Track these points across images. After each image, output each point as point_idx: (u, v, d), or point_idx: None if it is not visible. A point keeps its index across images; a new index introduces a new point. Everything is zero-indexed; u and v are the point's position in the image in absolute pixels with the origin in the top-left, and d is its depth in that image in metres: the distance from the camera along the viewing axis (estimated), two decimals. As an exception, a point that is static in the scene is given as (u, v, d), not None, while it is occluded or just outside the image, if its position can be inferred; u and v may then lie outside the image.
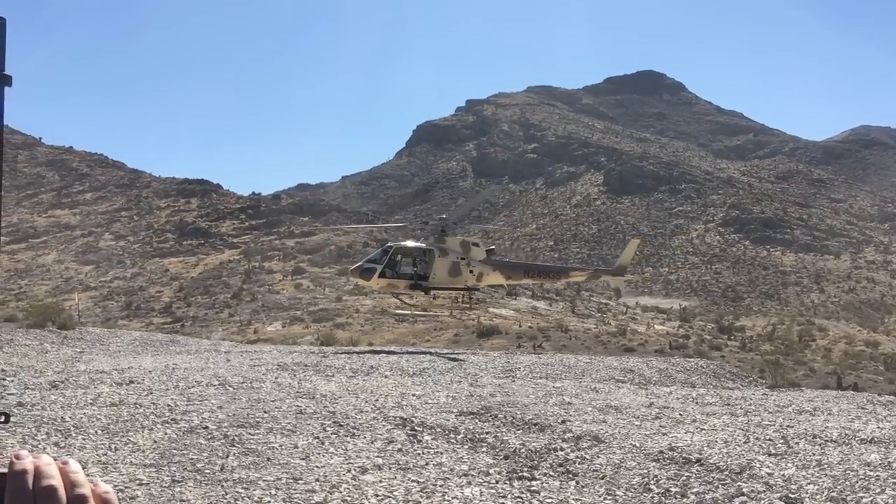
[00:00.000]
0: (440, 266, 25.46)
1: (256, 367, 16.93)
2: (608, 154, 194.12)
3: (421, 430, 9.98)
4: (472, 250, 26.13)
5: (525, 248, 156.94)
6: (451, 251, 25.78)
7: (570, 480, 8.00)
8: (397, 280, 25.48)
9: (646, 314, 76.81)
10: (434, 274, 25.41)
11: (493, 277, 26.83)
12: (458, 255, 25.78)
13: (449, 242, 25.97)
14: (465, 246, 26.15)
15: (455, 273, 25.64)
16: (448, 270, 25.58)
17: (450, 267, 25.59)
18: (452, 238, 26.22)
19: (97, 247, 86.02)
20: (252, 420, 10.11)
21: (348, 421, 10.30)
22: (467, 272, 25.79)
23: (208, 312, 58.07)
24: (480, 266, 26.02)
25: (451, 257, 25.67)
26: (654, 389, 15.95)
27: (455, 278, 25.71)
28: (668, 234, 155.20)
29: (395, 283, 25.66)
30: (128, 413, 10.24)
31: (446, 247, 25.83)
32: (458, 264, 25.66)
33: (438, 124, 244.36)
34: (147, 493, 7.01)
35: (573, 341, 46.27)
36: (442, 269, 25.48)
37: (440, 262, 25.47)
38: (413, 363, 18.98)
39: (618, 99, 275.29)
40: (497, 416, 11.04)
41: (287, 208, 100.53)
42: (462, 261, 25.74)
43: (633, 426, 10.70)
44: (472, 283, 26.20)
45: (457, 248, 25.91)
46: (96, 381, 13.44)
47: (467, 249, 26.07)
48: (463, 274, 25.74)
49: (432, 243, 25.99)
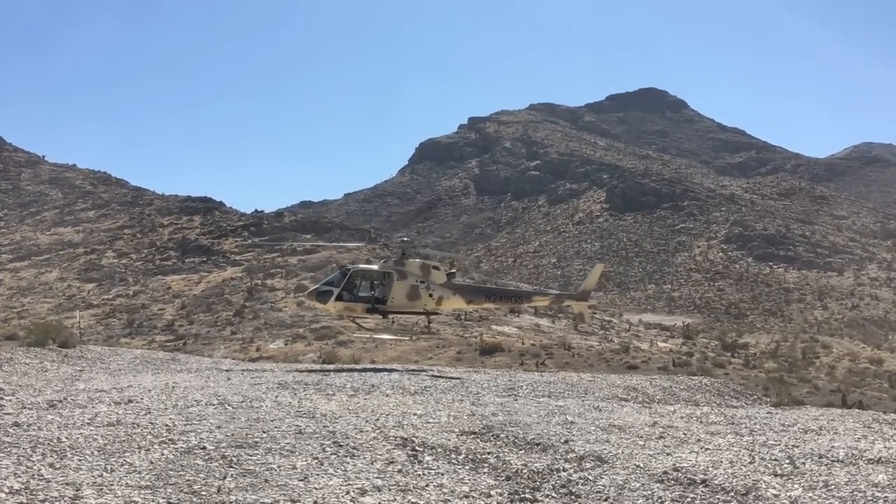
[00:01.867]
0: (399, 289, 24.88)
1: (257, 385, 16.80)
2: (611, 171, 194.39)
3: (422, 450, 9.85)
4: (432, 273, 25.50)
5: (528, 265, 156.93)
6: (411, 274, 25.20)
7: (574, 502, 7.88)
8: (354, 303, 24.97)
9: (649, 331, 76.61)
10: (392, 297, 24.84)
11: (454, 301, 26.06)
12: (417, 278, 25.17)
13: (408, 266, 25.43)
14: (425, 269, 25.56)
15: (414, 297, 25.03)
16: (407, 294, 24.97)
17: (408, 290, 24.98)
18: (412, 261, 25.75)
19: (100, 264, 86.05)
20: (250, 440, 9.99)
21: (348, 441, 10.17)
22: (426, 296, 25.12)
23: (210, 330, 57.96)
24: (440, 290, 25.35)
25: (410, 280, 25.06)
26: (658, 408, 15.81)
27: (414, 302, 25.10)
28: (671, 251, 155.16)
29: (351, 307, 25.13)
30: (125, 433, 10.11)
31: (406, 270, 25.26)
32: (418, 288, 25.04)
33: (441, 142, 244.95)
34: (142, 516, 6.88)
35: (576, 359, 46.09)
36: (400, 292, 24.90)
37: (399, 285, 24.90)
38: (415, 381, 18.86)
39: (620, 116, 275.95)
40: (499, 436, 10.92)
41: (290, 225, 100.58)
42: (421, 284, 25.10)
43: (636, 446, 10.57)
44: (432, 307, 25.49)
45: (416, 272, 25.31)
46: (95, 400, 13.32)
47: (427, 273, 25.44)
48: (422, 297, 25.10)
49: (391, 266, 25.46)
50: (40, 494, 7.29)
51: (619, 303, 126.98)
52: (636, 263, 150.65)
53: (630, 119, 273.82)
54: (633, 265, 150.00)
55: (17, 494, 7.25)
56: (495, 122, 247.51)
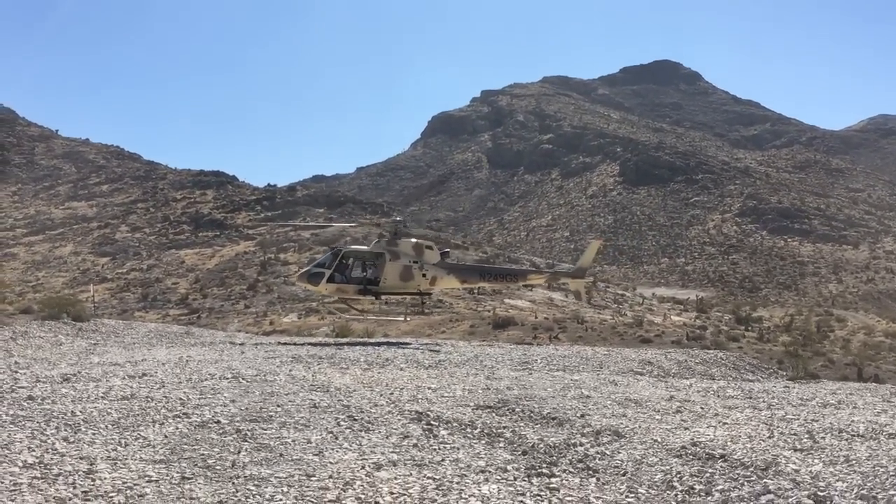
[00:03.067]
0: (391, 270, 24.75)
1: (271, 359, 16.81)
2: (624, 144, 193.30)
3: (437, 424, 9.80)
4: (425, 253, 25.34)
5: (540, 238, 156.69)
6: (403, 254, 25.06)
7: (591, 477, 7.80)
8: (346, 285, 24.83)
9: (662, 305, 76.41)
10: (385, 278, 24.70)
11: (448, 281, 25.95)
12: (410, 258, 25.04)
13: (401, 245, 25.29)
14: (418, 249, 25.39)
15: (407, 277, 24.92)
16: (399, 274, 24.85)
17: (401, 271, 24.86)
18: (405, 241, 25.58)
19: (113, 238, 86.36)
20: (265, 414, 9.96)
21: (363, 415, 10.13)
22: (420, 276, 25.00)
23: (224, 304, 58.11)
24: (434, 270, 25.20)
25: (403, 261, 24.94)
26: (674, 382, 15.72)
27: (407, 283, 25.00)
28: (685, 224, 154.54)
29: (343, 288, 25.00)
30: (139, 407, 10.10)
31: (398, 250, 25.12)
32: (411, 268, 24.93)
33: (453, 115, 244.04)
34: (156, 491, 6.84)
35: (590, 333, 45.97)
36: (393, 273, 24.77)
37: (391, 265, 24.76)
38: (429, 355, 18.82)
39: (634, 89, 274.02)
40: (514, 410, 10.86)
41: (302, 199, 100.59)
42: (414, 264, 24.98)
43: (653, 420, 10.49)
44: (425, 287, 25.37)
45: (409, 252, 25.16)
46: (109, 373, 13.33)
47: (420, 252, 25.29)
48: (415, 278, 24.98)
49: (383, 246, 25.31)
50: (54, 468, 7.26)
51: (633, 276, 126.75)
52: (649, 237, 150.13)
53: (644, 92, 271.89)
54: (646, 239, 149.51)
55: (31, 468, 7.22)
56: (508, 95, 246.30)
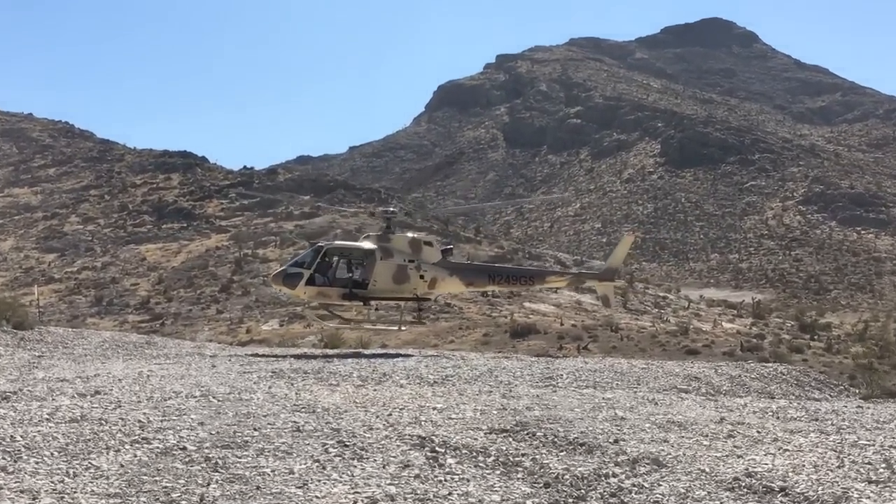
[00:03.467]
0: (382, 270, 24.53)
1: (247, 374, 16.85)
2: (666, 119, 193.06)
3: (443, 451, 9.81)
4: (423, 251, 25.23)
5: (567, 231, 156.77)
6: (397, 252, 24.89)
7: (626, 514, 7.80)
8: (329, 288, 24.61)
9: (712, 309, 76.39)
10: (375, 280, 24.51)
11: (450, 284, 25.83)
12: (405, 256, 24.88)
13: (395, 241, 25.13)
14: (415, 245, 25.28)
15: (401, 279, 24.71)
16: (392, 276, 24.64)
17: (394, 271, 24.65)
18: (399, 236, 25.49)
19: (62, 231, 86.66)
20: (239, 439, 9.98)
21: (355, 440, 10.14)
22: (416, 278, 24.81)
23: (192, 308, 58.35)
24: (433, 270, 25.05)
25: (397, 259, 24.76)
26: (725, 401, 15.70)
27: (401, 285, 24.78)
28: (739, 213, 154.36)
29: (325, 292, 24.77)
30: (91, 431, 10.12)
31: (391, 246, 24.95)
32: (406, 268, 24.73)
33: (464, 84, 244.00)
34: (110, 530, 6.86)
35: (625, 342, 46.07)
36: (384, 273, 24.55)
37: (383, 265, 24.55)
38: (434, 369, 18.85)
39: (678, 53, 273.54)
40: (535, 434, 10.86)
41: (285, 184, 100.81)
42: (410, 264, 24.80)
43: (700, 446, 10.49)
44: (423, 290, 25.15)
45: (404, 249, 25.01)
46: (55, 391, 13.38)
47: (417, 250, 25.16)
48: (411, 280, 24.77)
49: (373, 242, 25.16)
50: (-10, 504, 7.28)
51: (677, 276, 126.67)
52: (696, 229, 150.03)
53: (690, 56, 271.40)
54: (692, 231, 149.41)
55: (-37, 504, 7.24)
56: (528, 61, 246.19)
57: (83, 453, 9.09)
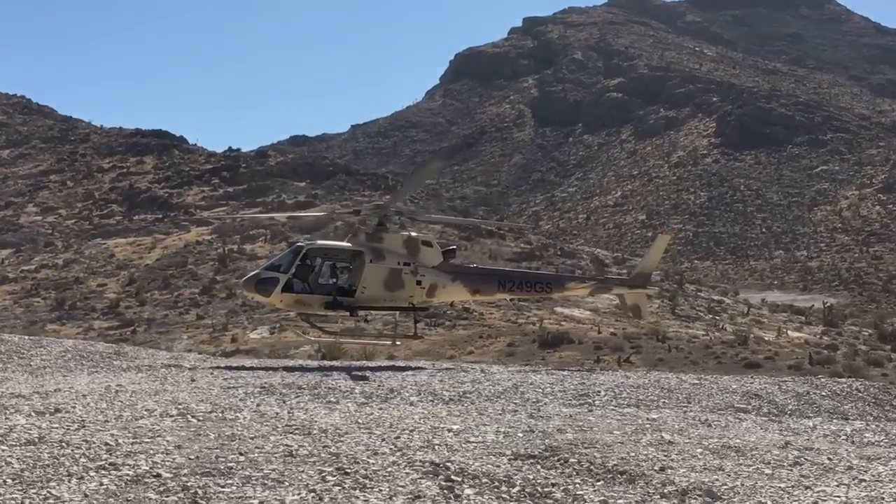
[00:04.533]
0: (372, 275, 24.36)
1: (231, 389, 16.91)
2: (722, 92, 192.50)
3: (459, 479, 9.83)
4: (421, 252, 25.08)
5: (606, 223, 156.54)
6: (390, 253, 24.73)
7: (673, 555, 7.80)
8: (309, 295, 24.44)
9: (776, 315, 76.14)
10: (363, 286, 24.35)
11: (452, 291, 25.95)
12: (399, 258, 24.73)
13: (387, 241, 24.91)
14: (412, 246, 25.12)
15: (394, 285, 24.56)
16: (384, 281, 24.47)
17: (386, 276, 24.48)
18: (393, 235, 25.20)
19: (17, 223, 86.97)
20: (222, 465, 10.01)
21: (357, 467, 10.16)
22: (412, 284, 24.71)
23: (169, 313, 58.52)
24: (433, 275, 24.95)
25: (390, 262, 24.59)
26: (791, 422, 15.69)
27: (394, 292, 24.67)
28: (807, 203, 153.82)
29: (305, 300, 24.59)
30: (49, 455, 10.16)
31: (383, 247, 24.76)
32: (400, 272, 24.57)
33: (485, 52, 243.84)
34: (72, 571, 6.89)
35: (674, 354, 45.98)
36: (375, 279, 24.39)
37: (372, 269, 24.37)
38: (450, 385, 18.85)
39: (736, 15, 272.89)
40: (567, 461, 10.87)
41: (276, 169, 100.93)
42: (405, 267, 24.65)
43: (761, 476, 10.49)
44: (420, 299, 25.10)
45: (398, 250, 24.87)
46: (9, 408, 13.45)
47: (414, 251, 25.01)
48: (406, 286, 24.67)
49: (363, 242, 24.96)
50: (-67, 539, 7.32)
51: (735, 276, 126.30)
52: (758, 221, 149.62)
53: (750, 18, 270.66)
54: (753, 224, 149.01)
55: None
56: (561, 25, 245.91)
57: (41, 481, 9.12)
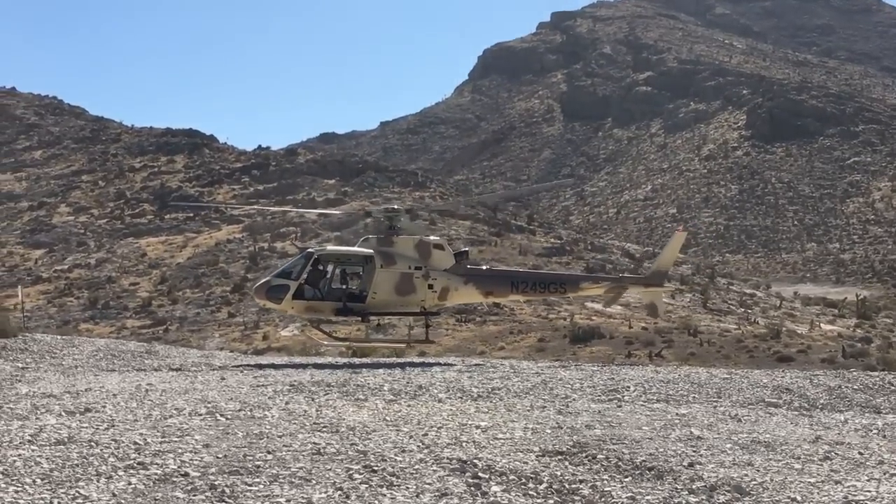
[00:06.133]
0: (383, 280, 24.50)
1: (261, 387, 16.92)
2: (753, 85, 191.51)
3: (487, 476, 9.79)
4: (432, 255, 25.14)
5: (636, 217, 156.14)
6: (401, 257, 24.83)
7: (701, 551, 7.75)
8: (320, 302, 24.66)
9: (808, 309, 75.76)
10: (374, 291, 24.49)
11: (465, 294, 25.90)
12: (411, 262, 24.83)
13: (398, 245, 25.03)
14: (423, 249, 25.18)
15: (406, 289, 24.67)
16: (395, 286, 24.62)
17: (398, 281, 24.61)
18: (404, 239, 25.28)
19: (50, 223, 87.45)
20: (250, 464, 10.01)
21: (385, 465, 10.14)
22: (424, 288, 24.80)
23: (200, 312, 58.76)
24: (445, 278, 25.00)
25: (401, 266, 24.71)
26: (822, 417, 15.57)
27: (406, 297, 24.77)
28: (840, 196, 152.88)
29: (316, 307, 24.83)
30: (79, 454, 10.19)
31: (394, 251, 24.88)
32: (411, 277, 24.68)
33: (513, 48, 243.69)
34: (99, 570, 6.90)
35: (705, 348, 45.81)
36: (386, 283, 24.52)
37: (383, 274, 24.52)
38: (479, 381, 18.81)
39: (766, 6, 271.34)
40: (596, 457, 10.83)
41: (305, 167, 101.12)
42: (417, 271, 24.75)
43: (791, 471, 10.41)
44: (432, 303, 25.19)
45: (410, 254, 24.95)
46: (40, 408, 13.51)
47: (426, 254, 25.08)
48: (418, 291, 24.77)
49: (374, 246, 25.08)
50: (-38, 539, 7.36)
51: (766, 269, 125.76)
52: (790, 214, 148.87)
53: (780, 9, 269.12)
54: (785, 216, 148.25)
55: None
56: (589, 19, 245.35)
57: (70, 480, 9.14)
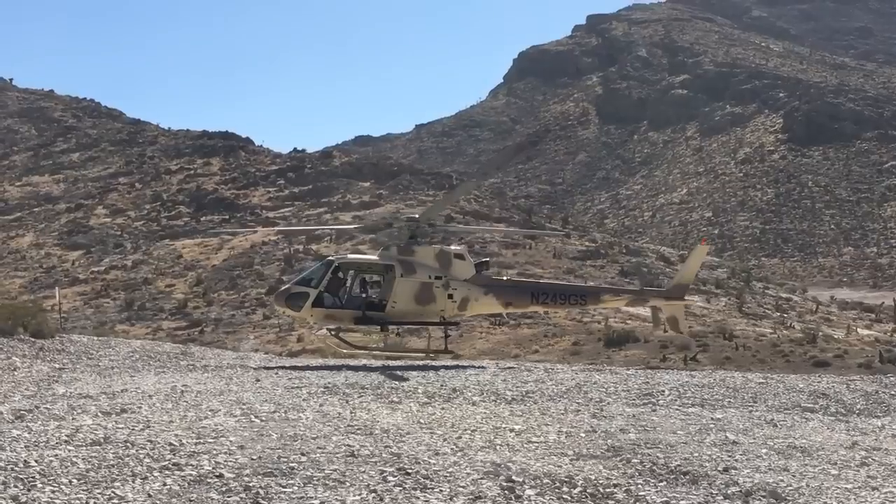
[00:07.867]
0: (403, 289, 24.30)
1: (295, 389, 16.98)
2: (789, 88, 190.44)
3: (521, 480, 9.79)
4: (453, 265, 24.92)
5: (671, 221, 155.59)
6: (421, 267, 24.63)
7: (736, 557, 7.71)
8: (339, 310, 24.59)
9: (845, 313, 75.21)
10: (394, 300, 24.28)
11: (485, 304, 25.75)
12: (431, 272, 24.62)
13: (419, 254, 24.83)
14: (444, 259, 24.95)
15: (425, 299, 24.45)
16: (415, 295, 24.39)
17: (417, 290, 24.40)
18: (424, 248, 25.15)
19: (87, 225, 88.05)
20: (284, 466, 10.05)
21: (418, 468, 10.16)
22: (444, 298, 24.58)
23: (236, 313, 58.92)
24: (465, 288, 24.80)
25: (421, 276, 24.52)
26: (859, 422, 15.47)
27: (425, 306, 24.55)
28: (877, 199, 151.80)
29: (335, 315, 24.78)
30: (115, 455, 10.26)
31: (414, 260, 24.66)
32: (431, 286, 24.48)
33: (549, 51, 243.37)
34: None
35: (740, 352, 45.50)
36: (405, 293, 24.31)
37: (403, 283, 24.31)
38: (513, 384, 18.81)
39: (803, 9, 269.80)
40: (630, 462, 10.82)
41: (340, 169, 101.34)
42: (437, 281, 24.55)
43: (827, 476, 10.36)
44: (452, 313, 24.99)
45: (430, 263, 24.74)
46: (77, 409, 13.60)
47: (446, 264, 24.85)
48: (437, 300, 24.54)
49: (394, 255, 24.94)
50: (-1, 538, 7.41)
51: (803, 273, 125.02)
52: (826, 218, 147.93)
53: (817, 12, 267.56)
54: (822, 220, 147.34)
55: (-31, 538, 7.38)
56: (625, 22, 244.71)
57: (106, 481, 9.20)
